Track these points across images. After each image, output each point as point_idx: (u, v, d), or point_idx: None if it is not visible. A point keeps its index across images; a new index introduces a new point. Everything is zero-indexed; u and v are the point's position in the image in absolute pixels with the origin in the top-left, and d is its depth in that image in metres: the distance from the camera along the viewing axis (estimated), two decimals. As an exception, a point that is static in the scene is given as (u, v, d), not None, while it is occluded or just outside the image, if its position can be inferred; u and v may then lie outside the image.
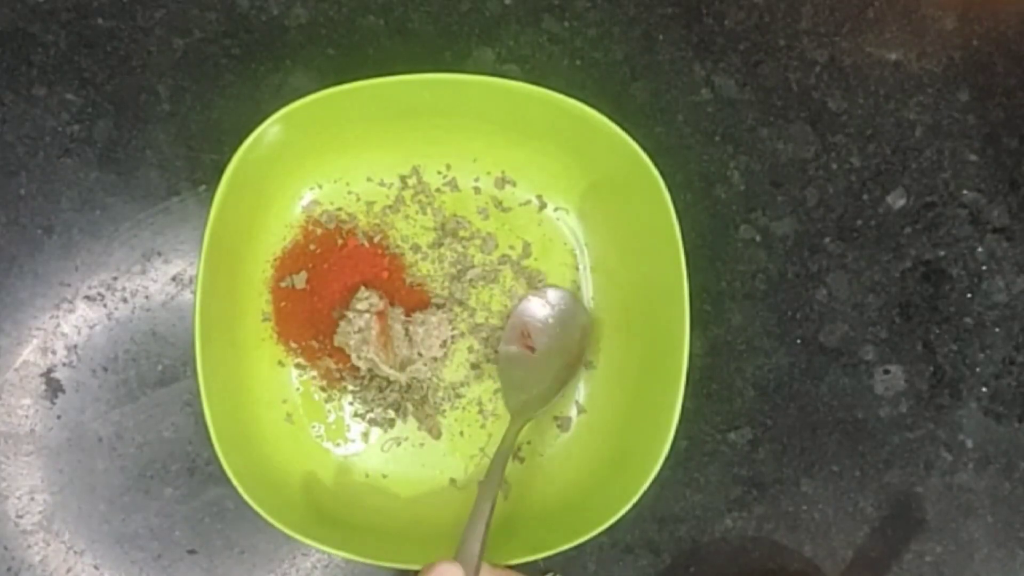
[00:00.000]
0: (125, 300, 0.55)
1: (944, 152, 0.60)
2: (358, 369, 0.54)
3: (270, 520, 0.48)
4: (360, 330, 0.52)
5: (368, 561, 0.49)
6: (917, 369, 0.58)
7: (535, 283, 0.57)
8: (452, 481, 0.55)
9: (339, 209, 0.56)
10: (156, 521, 0.54)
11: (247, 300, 0.54)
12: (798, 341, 0.58)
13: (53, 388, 0.54)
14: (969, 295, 0.59)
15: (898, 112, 0.60)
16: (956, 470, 0.58)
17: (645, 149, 0.50)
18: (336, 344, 0.54)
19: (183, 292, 0.55)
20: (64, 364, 0.54)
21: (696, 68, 0.59)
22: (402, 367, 0.54)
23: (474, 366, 0.56)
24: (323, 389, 0.55)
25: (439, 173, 0.57)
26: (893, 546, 0.57)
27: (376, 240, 0.56)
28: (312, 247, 0.55)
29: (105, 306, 0.55)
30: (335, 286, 0.55)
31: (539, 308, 0.56)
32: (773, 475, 0.58)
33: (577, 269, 0.57)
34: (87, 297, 0.55)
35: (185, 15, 0.56)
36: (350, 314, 0.53)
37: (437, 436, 0.55)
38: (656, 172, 0.50)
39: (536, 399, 0.54)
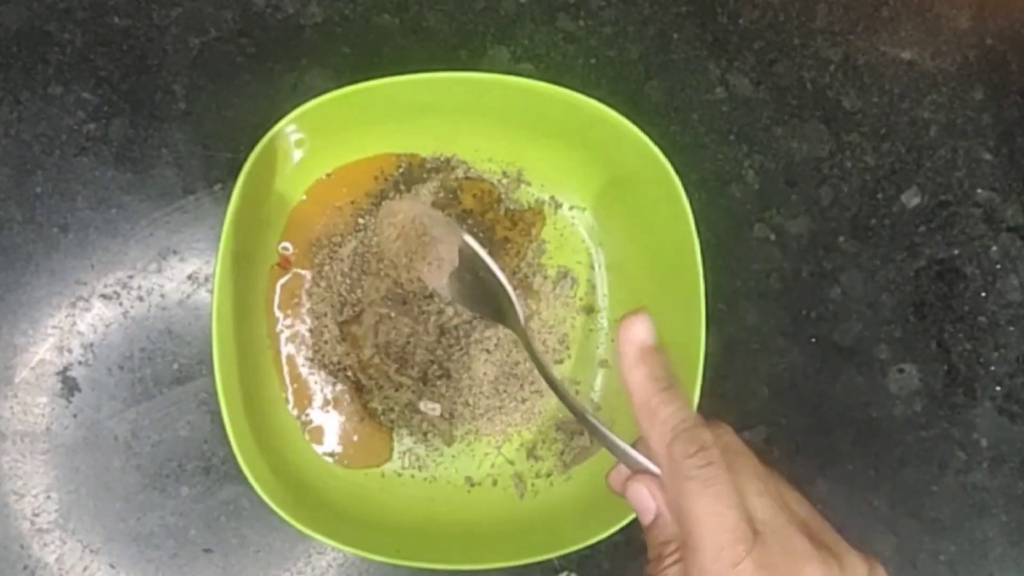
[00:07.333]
0: (141, 298, 0.55)
1: (958, 151, 0.60)
2: (371, 368, 0.54)
3: (286, 518, 0.48)
4: (399, 236, 0.51)
5: (383, 560, 0.49)
6: (931, 368, 0.58)
7: (550, 280, 0.57)
8: (467, 479, 0.55)
9: (354, 208, 0.56)
10: (172, 520, 0.54)
11: (263, 298, 0.54)
12: (812, 340, 0.58)
13: (69, 387, 0.54)
14: (983, 294, 0.59)
15: (912, 111, 0.60)
16: (970, 469, 0.58)
17: (660, 148, 0.50)
18: (385, 256, 0.53)
19: (199, 291, 0.55)
20: (80, 363, 0.54)
21: (711, 67, 0.59)
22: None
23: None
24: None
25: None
26: (907, 545, 0.57)
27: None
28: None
29: (121, 304, 0.55)
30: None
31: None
32: (787, 474, 0.57)
33: (592, 268, 0.57)
34: (103, 295, 0.55)
35: (201, 14, 0.56)
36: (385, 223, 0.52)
37: (449, 443, 0.55)
38: (672, 171, 0.50)
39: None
